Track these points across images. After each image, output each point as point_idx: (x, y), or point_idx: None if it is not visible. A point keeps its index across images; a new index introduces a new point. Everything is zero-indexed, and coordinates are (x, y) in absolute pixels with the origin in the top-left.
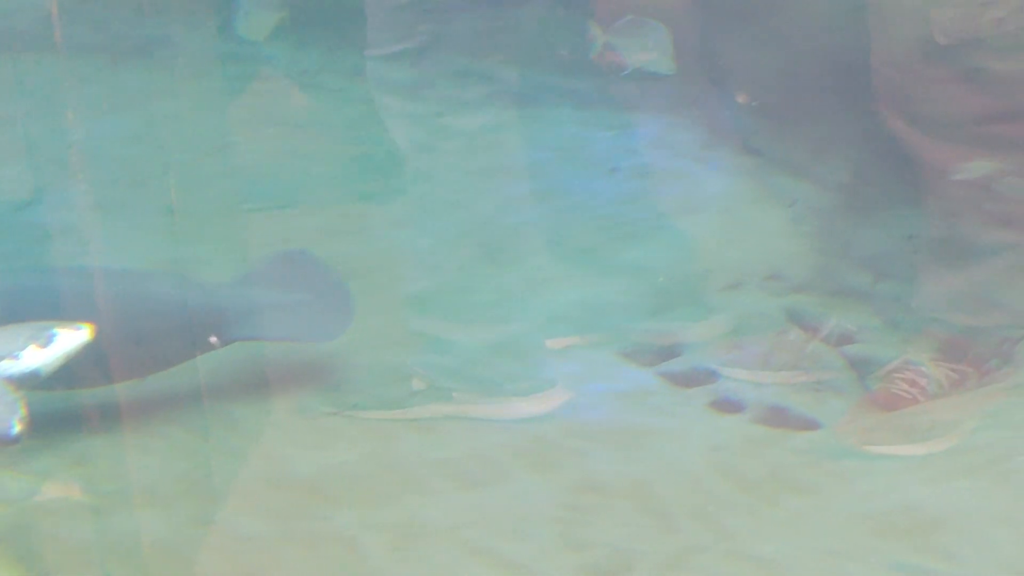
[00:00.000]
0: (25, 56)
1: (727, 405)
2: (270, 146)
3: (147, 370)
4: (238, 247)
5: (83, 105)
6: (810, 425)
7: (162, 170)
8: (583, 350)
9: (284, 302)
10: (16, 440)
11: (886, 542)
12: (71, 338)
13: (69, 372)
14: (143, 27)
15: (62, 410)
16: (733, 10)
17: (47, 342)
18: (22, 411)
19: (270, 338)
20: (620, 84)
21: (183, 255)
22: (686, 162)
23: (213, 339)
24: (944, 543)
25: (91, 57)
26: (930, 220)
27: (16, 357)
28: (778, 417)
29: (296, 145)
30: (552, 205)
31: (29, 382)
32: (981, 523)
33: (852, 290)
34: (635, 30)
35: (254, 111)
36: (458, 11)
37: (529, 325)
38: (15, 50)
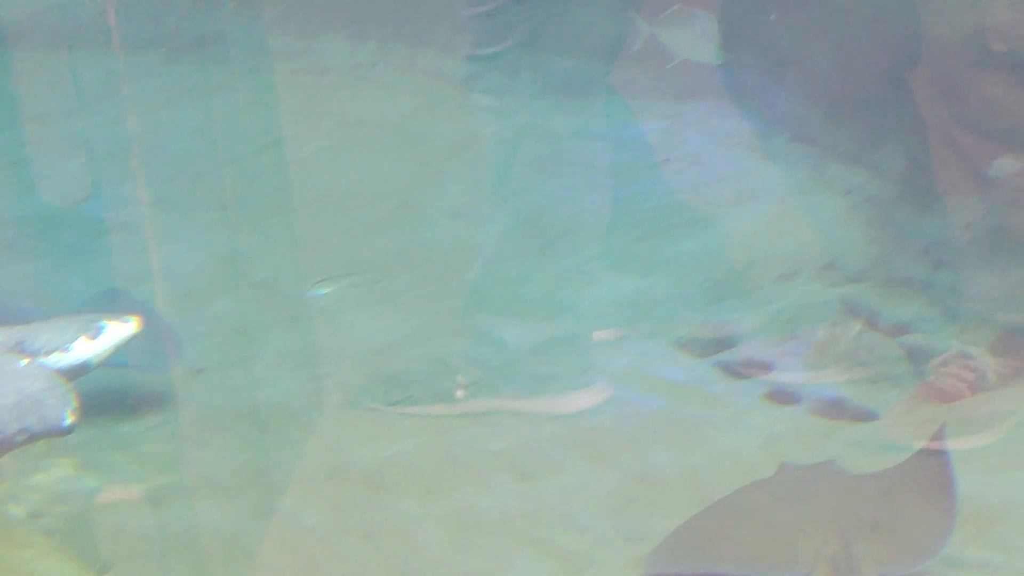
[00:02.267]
0: (82, 51)
1: (783, 396)
2: (325, 140)
3: None
4: (294, 241)
5: (140, 100)
6: (867, 417)
7: (219, 164)
8: (637, 341)
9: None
10: (69, 431)
11: None
12: (120, 330)
13: None
14: (198, 21)
15: (118, 401)
16: None
17: (96, 334)
18: (74, 403)
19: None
20: (672, 74)
21: (239, 248)
22: (739, 151)
23: None
24: (1004, 534)
25: (147, 52)
26: (988, 210)
27: (67, 350)
28: (835, 408)
29: (351, 139)
30: (604, 196)
31: (79, 374)
32: None
33: (908, 280)
34: (681, 20)
35: (309, 105)
36: (508, 4)
37: (583, 316)
38: (72, 45)
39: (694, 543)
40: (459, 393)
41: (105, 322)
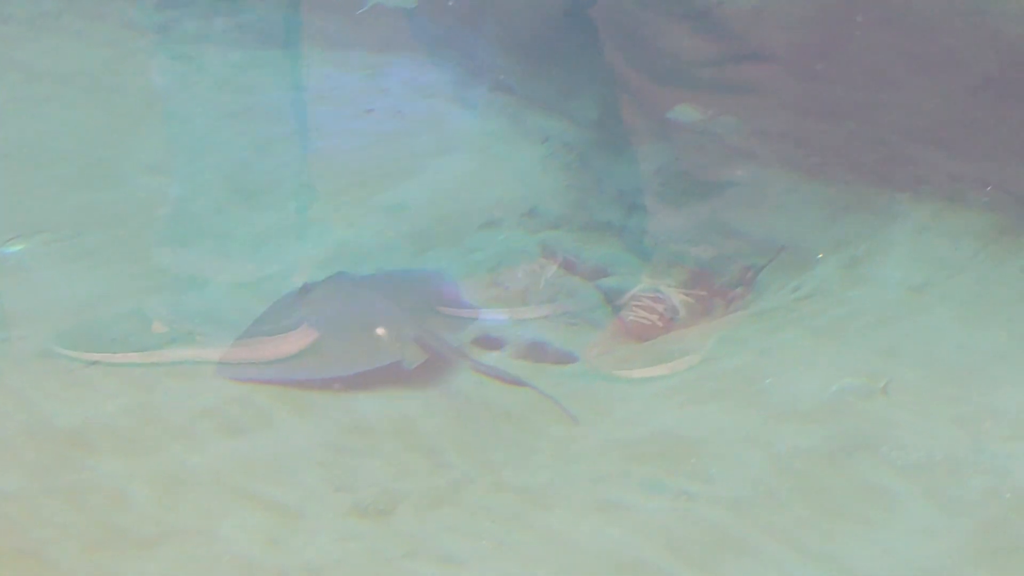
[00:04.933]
0: None
1: (488, 342)
2: (10, 93)
3: None
4: None
5: None
6: (568, 358)
7: None
8: None
9: None
10: None
11: (644, 466)
12: None
13: None
14: None
15: None
16: None
17: None
18: None
19: None
20: (369, 24)
21: None
22: (440, 101)
23: None
24: (699, 465)
25: None
26: (675, 155)
27: None
28: (537, 352)
29: (38, 92)
30: (308, 147)
31: None
32: (732, 444)
33: (605, 224)
34: None
35: None
36: None
37: (289, 268)
38: None
39: (271, 353)
40: (162, 346)
41: None
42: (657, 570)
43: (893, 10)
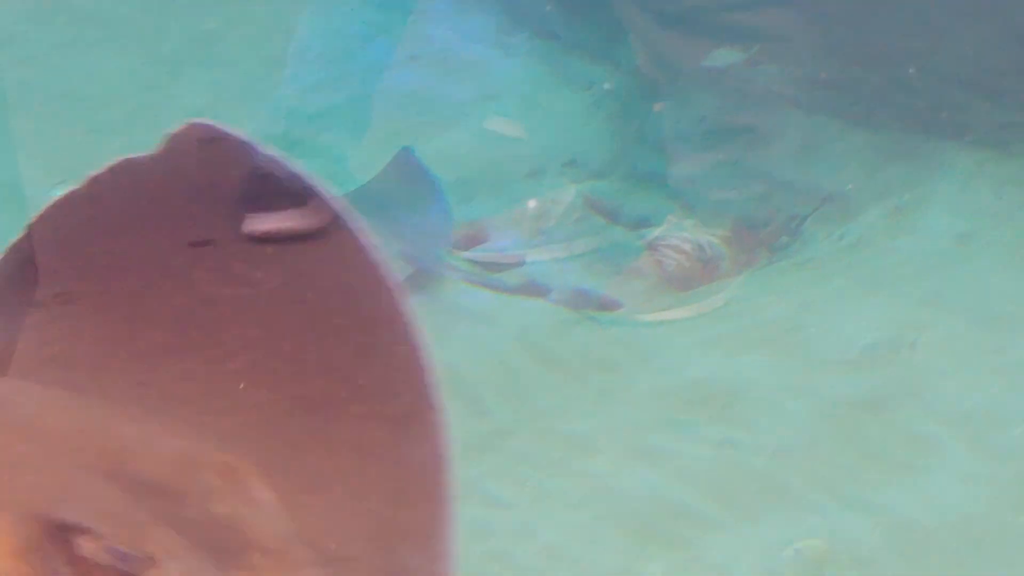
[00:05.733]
0: None
1: (533, 288)
2: (58, 36)
3: None
4: (29, 141)
5: None
6: (612, 305)
7: None
8: None
9: None
10: None
11: (688, 414)
12: None
13: None
14: None
15: None
16: None
17: None
18: None
19: None
20: None
21: None
22: (485, 48)
23: None
24: (742, 413)
25: None
26: (719, 104)
27: None
28: (582, 298)
29: (84, 35)
30: (352, 94)
31: None
32: (775, 393)
33: (649, 173)
34: None
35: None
36: None
37: None
38: None
39: None
40: None
41: None
42: (699, 515)
43: None
